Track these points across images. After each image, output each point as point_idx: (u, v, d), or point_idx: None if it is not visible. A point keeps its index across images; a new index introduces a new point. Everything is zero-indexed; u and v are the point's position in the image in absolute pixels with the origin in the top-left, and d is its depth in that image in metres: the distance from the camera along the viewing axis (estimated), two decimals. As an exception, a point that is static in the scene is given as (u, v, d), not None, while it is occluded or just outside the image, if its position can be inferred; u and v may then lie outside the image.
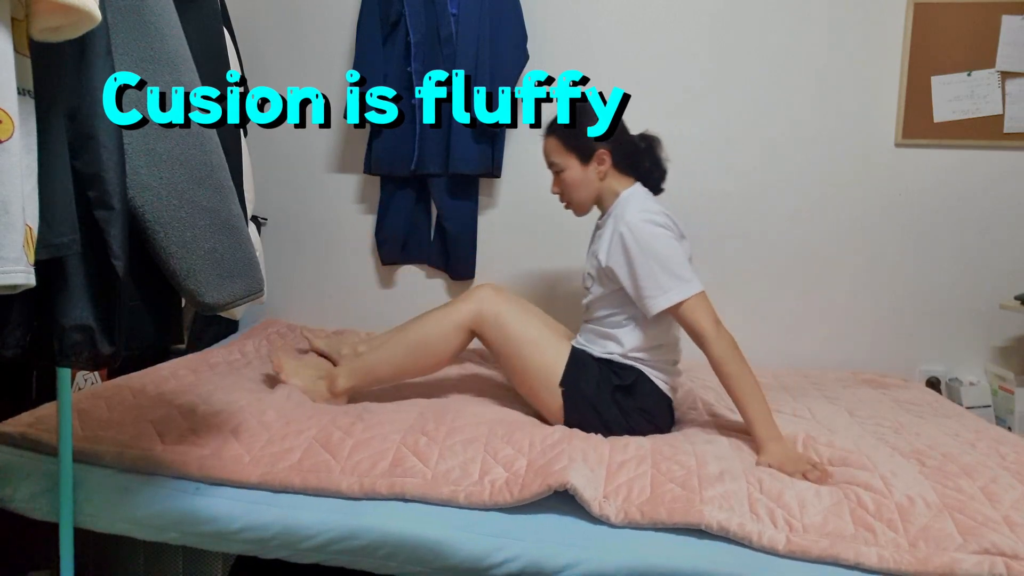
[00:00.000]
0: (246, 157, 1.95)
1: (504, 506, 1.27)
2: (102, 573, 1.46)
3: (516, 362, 1.66)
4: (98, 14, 0.77)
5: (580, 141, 1.70)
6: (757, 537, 1.17)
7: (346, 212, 2.58)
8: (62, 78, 0.87)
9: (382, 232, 2.50)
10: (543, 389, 1.63)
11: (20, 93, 0.76)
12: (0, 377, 1.74)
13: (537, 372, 1.64)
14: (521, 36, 2.34)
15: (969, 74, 2.23)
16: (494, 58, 2.30)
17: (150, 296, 1.08)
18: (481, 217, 2.49)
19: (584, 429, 1.56)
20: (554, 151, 1.73)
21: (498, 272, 2.49)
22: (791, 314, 2.38)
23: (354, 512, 1.27)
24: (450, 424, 1.49)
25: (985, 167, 2.26)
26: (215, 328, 2.38)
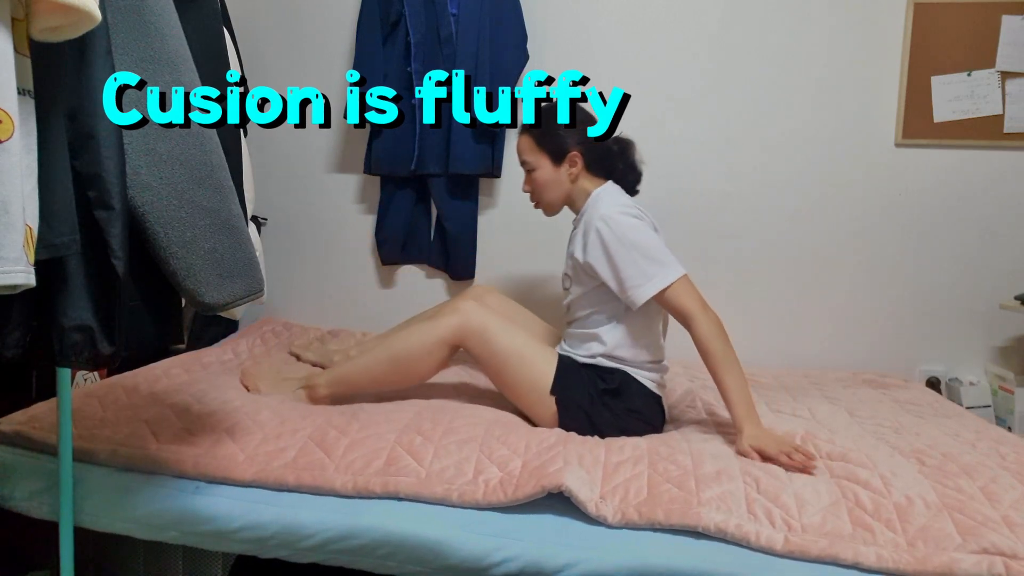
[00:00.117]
0: (246, 157, 1.95)
1: (498, 506, 1.27)
2: (102, 573, 1.46)
3: (505, 377, 1.65)
4: (98, 14, 0.77)
5: (553, 141, 1.70)
6: (755, 537, 1.17)
7: (346, 212, 2.58)
8: (62, 78, 0.87)
9: (382, 232, 2.50)
10: (535, 400, 1.62)
11: (20, 93, 0.76)
12: (0, 376, 1.74)
13: (527, 384, 1.62)
14: (521, 36, 2.34)
15: (969, 74, 2.23)
16: (494, 58, 2.30)
17: (150, 296, 1.08)
18: (481, 217, 2.49)
19: (579, 434, 1.56)
20: (526, 150, 1.74)
21: (498, 272, 2.49)
22: (791, 314, 2.38)
23: (353, 511, 1.27)
24: (446, 424, 1.49)
25: (985, 167, 2.26)
26: (215, 328, 2.38)
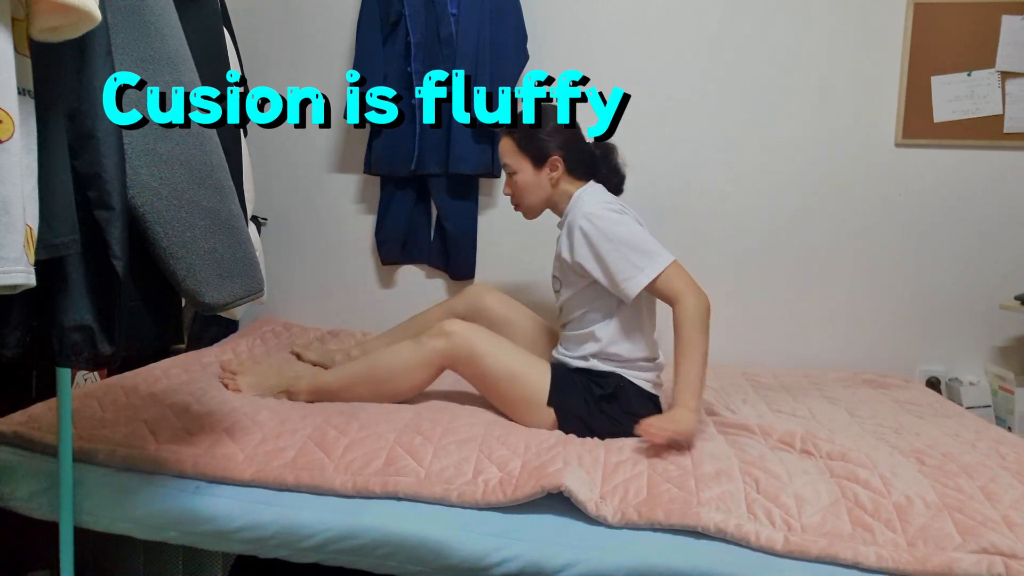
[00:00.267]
0: (246, 157, 1.95)
1: (497, 506, 1.27)
2: (102, 573, 1.46)
3: (499, 397, 1.64)
4: (98, 14, 0.78)
5: (534, 145, 1.70)
6: (755, 537, 1.17)
7: (346, 212, 2.58)
8: (62, 78, 0.87)
9: (382, 232, 2.50)
10: (534, 413, 1.61)
11: (20, 93, 0.76)
12: (0, 376, 1.74)
13: (522, 401, 1.61)
14: (521, 36, 2.34)
15: (969, 74, 2.23)
16: (494, 58, 2.30)
17: (150, 296, 1.08)
18: (481, 217, 2.49)
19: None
20: (508, 152, 1.73)
21: (498, 272, 2.49)
22: (791, 314, 2.38)
23: (353, 511, 1.27)
24: (446, 424, 1.49)
25: (985, 167, 2.26)
26: (215, 328, 2.38)
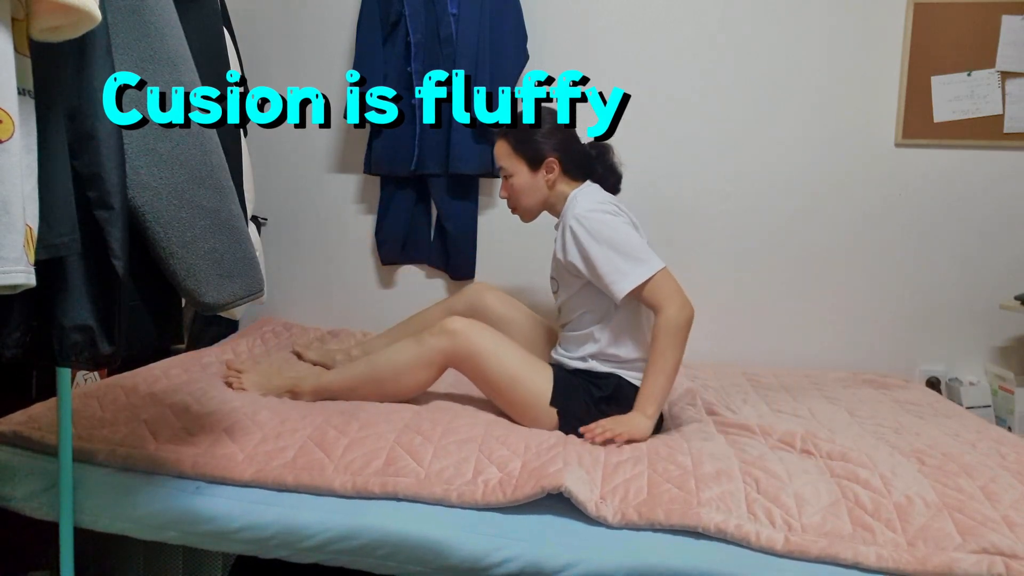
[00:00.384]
0: (246, 157, 1.95)
1: (496, 506, 1.27)
2: (102, 573, 1.46)
3: (501, 398, 1.64)
4: (98, 14, 0.77)
5: (530, 147, 1.70)
6: (755, 537, 1.17)
7: (346, 212, 2.58)
8: (62, 78, 0.87)
9: (382, 232, 2.50)
10: (536, 414, 1.61)
11: (20, 93, 0.76)
12: (0, 376, 1.74)
13: (524, 403, 1.61)
14: (521, 36, 2.34)
15: (969, 74, 2.23)
16: (494, 58, 2.30)
17: (150, 296, 1.08)
18: (481, 217, 2.49)
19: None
20: (504, 155, 1.73)
21: (498, 272, 2.49)
22: (791, 314, 2.38)
23: (353, 512, 1.27)
24: (446, 424, 1.49)
25: (985, 167, 2.26)
26: (215, 328, 2.38)
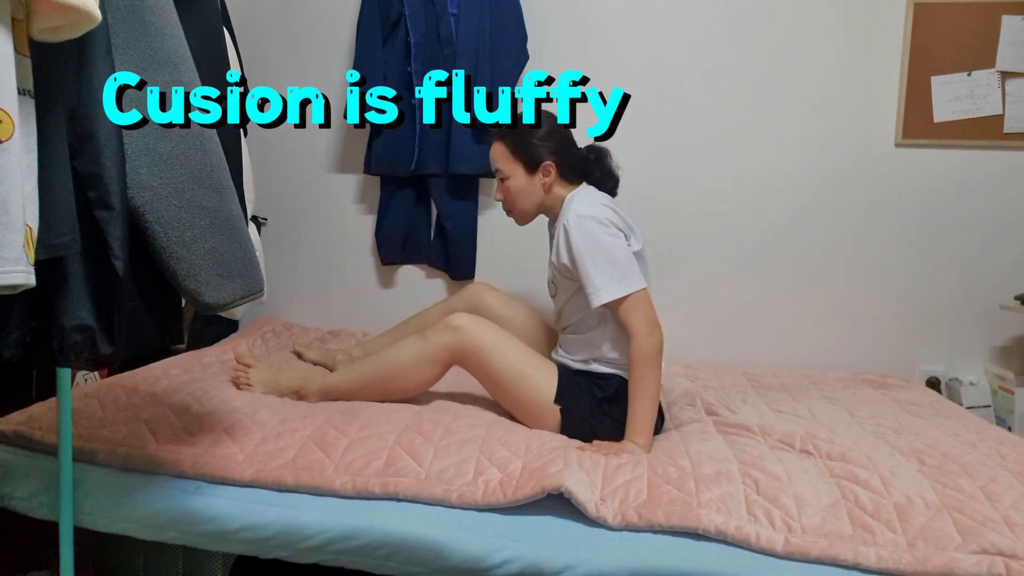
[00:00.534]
0: (246, 157, 1.95)
1: (497, 507, 1.27)
2: (102, 573, 1.46)
3: (505, 395, 1.64)
4: (98, 14, 0.77)
5: (527, 150, 1.69)
6: (755, 538, 1.17)
7: (346, 212, 2.58)
8: (62, 78, 0.87)
9: (382, 232, 2.50)
10: (539, 412, 1.61)
11: (20, 93, 0.76)
12: (0, 376, 1.74)
13: (528, 400, 1.61)
14: (521, 36, 2.34)
15: (969, 74, 2.22)
16: (494, 58, 2.30)
17: (150, 296, 1.08)
18: (481, 217, 2.49)
19: (582, 440, 1.56)
20: (500, 158, 1.72)
21: (498, 272, 2.49)
22: (791, 314, 2.38)
23: (353, 512, 1.27)
24: (447, 425, 1.49)
25: (985, 167, 2.26)
26: (215, 328, 2.38)
